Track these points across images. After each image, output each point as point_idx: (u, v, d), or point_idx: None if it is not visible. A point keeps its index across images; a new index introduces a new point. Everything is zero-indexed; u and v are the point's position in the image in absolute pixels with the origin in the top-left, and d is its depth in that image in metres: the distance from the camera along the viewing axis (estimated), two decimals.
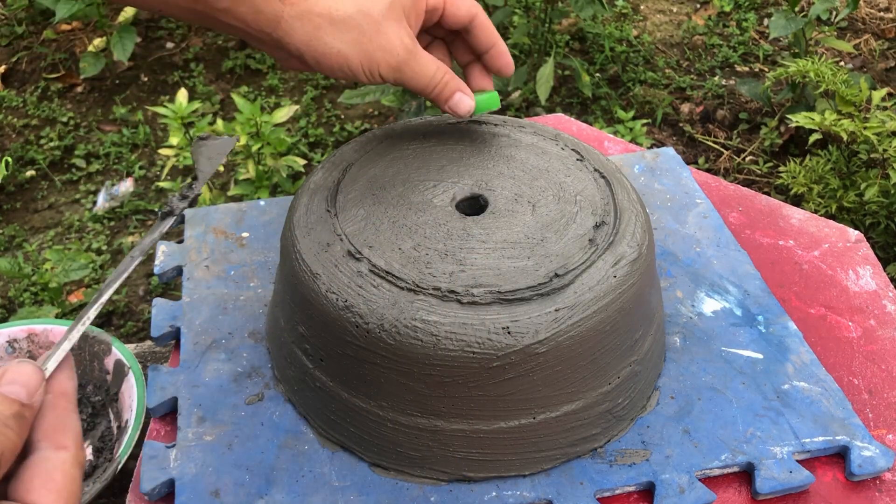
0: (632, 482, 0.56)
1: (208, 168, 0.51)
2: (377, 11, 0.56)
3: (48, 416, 0.37)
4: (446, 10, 0.60)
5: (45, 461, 0.36)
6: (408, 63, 0.57)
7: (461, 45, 0.64)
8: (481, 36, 0.62)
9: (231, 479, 0.57)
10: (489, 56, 0.63)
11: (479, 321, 0.52)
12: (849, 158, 1.31)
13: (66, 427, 0.37)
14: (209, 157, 0.52)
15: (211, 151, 0.52)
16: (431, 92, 0.60)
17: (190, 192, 0.50)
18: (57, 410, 0.37)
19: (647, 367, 0.60)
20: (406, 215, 0.59)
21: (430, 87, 0.60)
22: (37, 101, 1.83)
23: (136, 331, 1.35)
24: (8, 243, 1.51)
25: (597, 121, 1.72)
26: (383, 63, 0.57)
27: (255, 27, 0.55)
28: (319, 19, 0.55)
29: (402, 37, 0.57)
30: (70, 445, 0.36)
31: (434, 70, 0.59)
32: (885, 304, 0.70)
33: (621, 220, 0.59)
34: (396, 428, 0.56)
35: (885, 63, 1.89)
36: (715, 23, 2.03)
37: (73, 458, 0.36)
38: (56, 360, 0.39)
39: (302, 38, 0.55)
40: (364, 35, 0.56)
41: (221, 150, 0.53)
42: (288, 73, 1.91)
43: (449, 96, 0.61)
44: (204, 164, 0.51)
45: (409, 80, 0.59)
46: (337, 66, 0.56)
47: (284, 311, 0.61)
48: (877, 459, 0.57)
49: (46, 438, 0.36)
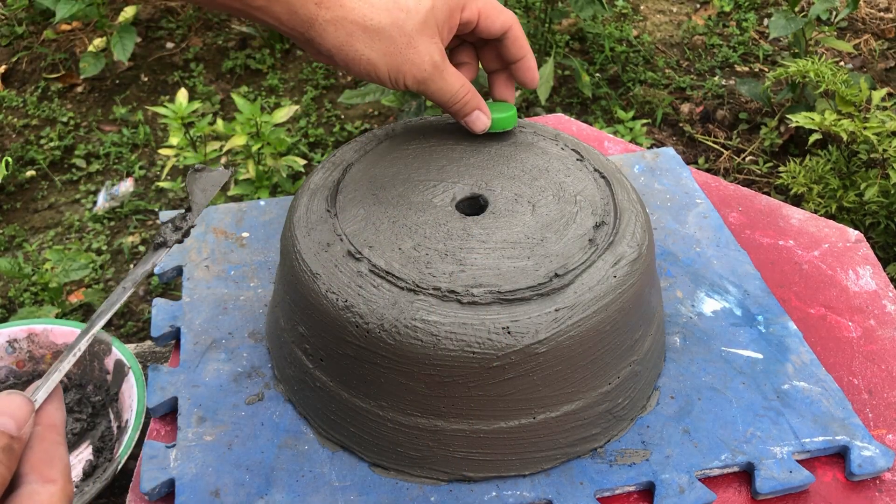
0: (632, 482, 0.56)
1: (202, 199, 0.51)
2: (410, 26, 0.57)
3: (36, 449, 0.37)
4: (480, 23, 0.61)
5: (33, 495, 0.35)
6: (433, 79, 0.59)
7: (490, 53, 0.66)
8: (513, 48, 0.63)
9: (231, 479, 0.57)
10: (517, 67, 0.65)
11: (479, 321, 0.52)
12: (849, 158, 1.31)
13: (54, 460, 0.37)
14: (203, 189, 0.52)
15: (205, 183, 0.52)
16: (452, 107, 0.62)
17: (184, 224, 0.50)
18: (45, 443, 0.37)
19: (647, 367, 0.60)
20: (406, 215, 0.59)
21: (451, 103, 0.62)
22: (37, 101, 1.83)
23: (136, 331, 1.35)
24: (8, 243, 1.51)
25: (597, 121, 1.72)
26: (409, 76, 0.58)
27: (289, 26, 0.56)
28: (353, 27, 0.56)
29: (431, 52, 0.58)
30: (58, 479, 0.36)
31: (457, 88, 0.61)
32: (885, 304, 0.70)
33: (621, 220, 0.59)
34: (396, 428, 0.56)
35: (885, 63, 1.89)
36: (715, 23, 2.03)
37: (62, 491, 0.36)
38: (46, 390, 0.39)
39: (334, 43, 0.56)
40: (395, 47, 0.57)
41: (216, 181, 0.53)
42: (288, 73, 1.91)
43: (468, 113, 0.63)
44: (198, 196, 0.51)
45: (432, 93, 0.60)
46: (365, 72, 0.58)
47: (284, 311, 0.61)
48: (877, 459, 0.57)
49: (34, 471, 0.36)
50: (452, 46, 0.65)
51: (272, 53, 1.95)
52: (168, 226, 0.50)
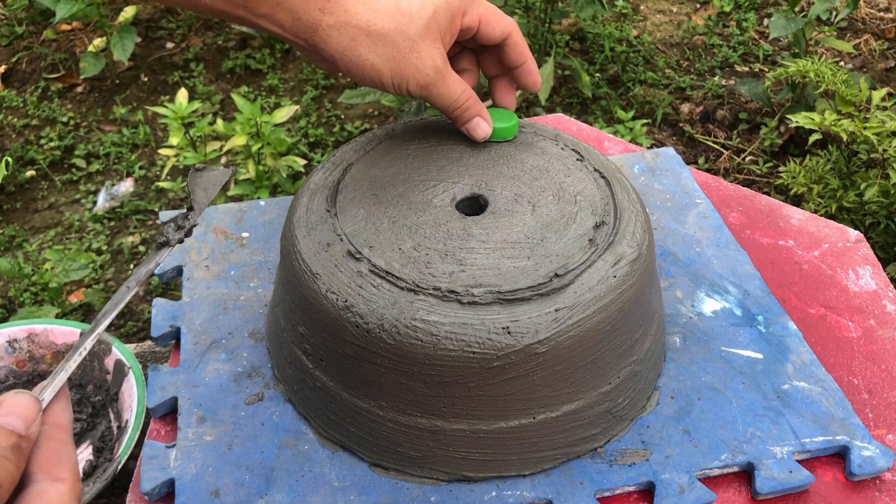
0: (632, 482, 0.56)
1: (204, 199, 0.52)
2: (413, 31, 0.57)
3: (44, 448, 0.37)
4: (480, 29, 0.62)
5: (42, 493, 0.35)
6: (436, 84, 0.59)
7: (491, 59, 0.66)
8: (513, 54, 0.64)
9: (231, 479, 0.57)
10: (518, 73, 0.65)
11: (479, 321, 0.52)
12: (849, 158, 1.31)
13: (62, 459, 0.37)
14: (205, 189, 0.52)
15: (206, 182, 0.53)
16: (453, 113, 0.62)
17: (186, 223, 0.50)
18: (53, 442, 0.37)
19: (647, 367, 0.60)
20: (406, 215, 0.59)
21: (452, 109, 0.62)
22: (37, 101, 1.83)
23: (136, 331, 1.35)
24: (8, 243, 1.51)
25: (597, 121, 1.72)
26: (412, 80, 0.58)
27: (293, 32, 0.56)
28: (356, 31, 0.56)
29: (434, 57, 0.58)
30: (66, 477, 0.36)
31: (459, 94, 0.61)
32: (884, 304, 0.70)
33: (621, 220, 0.59)
34: (396, 428, 0.56)
35: (885, 63, 1.89)
36: (715, 23, 2.03)
37: (70, 489, 0.36)
38: (53, 390, 0.39)
39: (337, 48, 0.57)
40: (398, 52, 0.57)
41: (217, 180, 0.53)
42: (288, 73, 1.91)
43: (468, 119, 0.63)
44: (199, 195, 0.52)
45: (434, 98, 0.61)
46: (368, 77, 0.58)
47: (284, 311, 0.61)
48: (877, 459, 0.57)
49: (43, 470, 0.36)
50: (453, 53, 0.65)
51: (272, 53, 1.95)
52: (170, 225, 0.50)
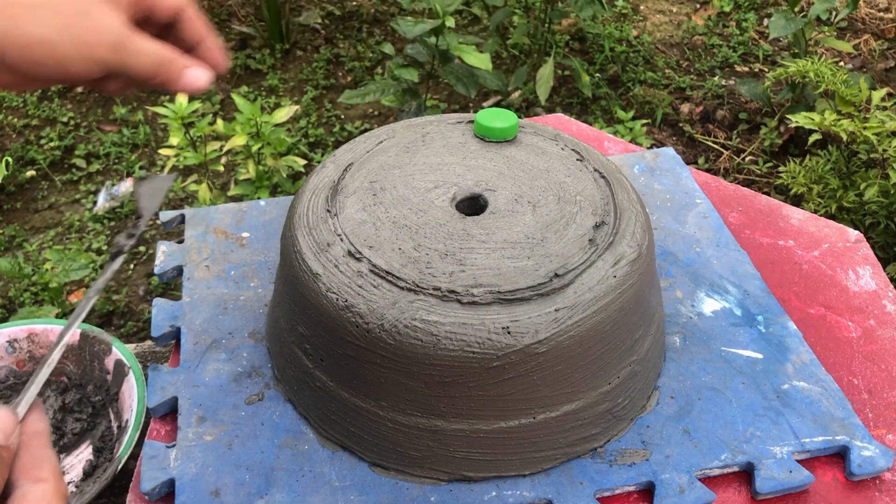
0: (632, 482, 0.56)
1: (150, 206, 0.54)
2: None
3: (24, 456, 0.38)
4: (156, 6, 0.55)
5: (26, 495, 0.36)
6: (130, 38, 0.52)
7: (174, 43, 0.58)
8: (190, 30, 0.58)
9: (231, 478, 0.57)
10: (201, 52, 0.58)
11: (479, 321, 0.52)
12: (848, 158, 1.31)
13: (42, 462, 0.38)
14: (150, 196, 0.54)
15: (151, 189, 0.55)
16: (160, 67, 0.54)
17: (135, 230, 0.53)
18: (31, 448, 0.38)
19: (646, 367, 0.60)
20: (406, 215, 0.59)
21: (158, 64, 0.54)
22: (37, 101, 1.83)
23: (136, 331, 1.35)
24: (8, 243, 1.51)
25: (597, 121, 1.72)
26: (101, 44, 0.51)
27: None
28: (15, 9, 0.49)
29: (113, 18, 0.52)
30: (48, 478, 0.37)
31: (159, 48, 0.54)
32: (884, 304, 0.70)
33: (621, 220, 0.59)
34: (396, 428, 0.56)
35: (885, 63, 1.89)
36: (715, 23, 2.03)
37: (54, 488, 0.37)
38: (26, 403, 0.40)
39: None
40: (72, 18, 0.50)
41: (161, 186, 0.55)
42: (288, 73, 1.91)
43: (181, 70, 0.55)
44: (145, 202, 0.54)
45: (133, 57, 0.53)
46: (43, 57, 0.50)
47: (284, 311, 0.61)
48: (876, 459, 0.57)
49: (25, 475, 0.37)
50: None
51: (272, 53, 1.95)
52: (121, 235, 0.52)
